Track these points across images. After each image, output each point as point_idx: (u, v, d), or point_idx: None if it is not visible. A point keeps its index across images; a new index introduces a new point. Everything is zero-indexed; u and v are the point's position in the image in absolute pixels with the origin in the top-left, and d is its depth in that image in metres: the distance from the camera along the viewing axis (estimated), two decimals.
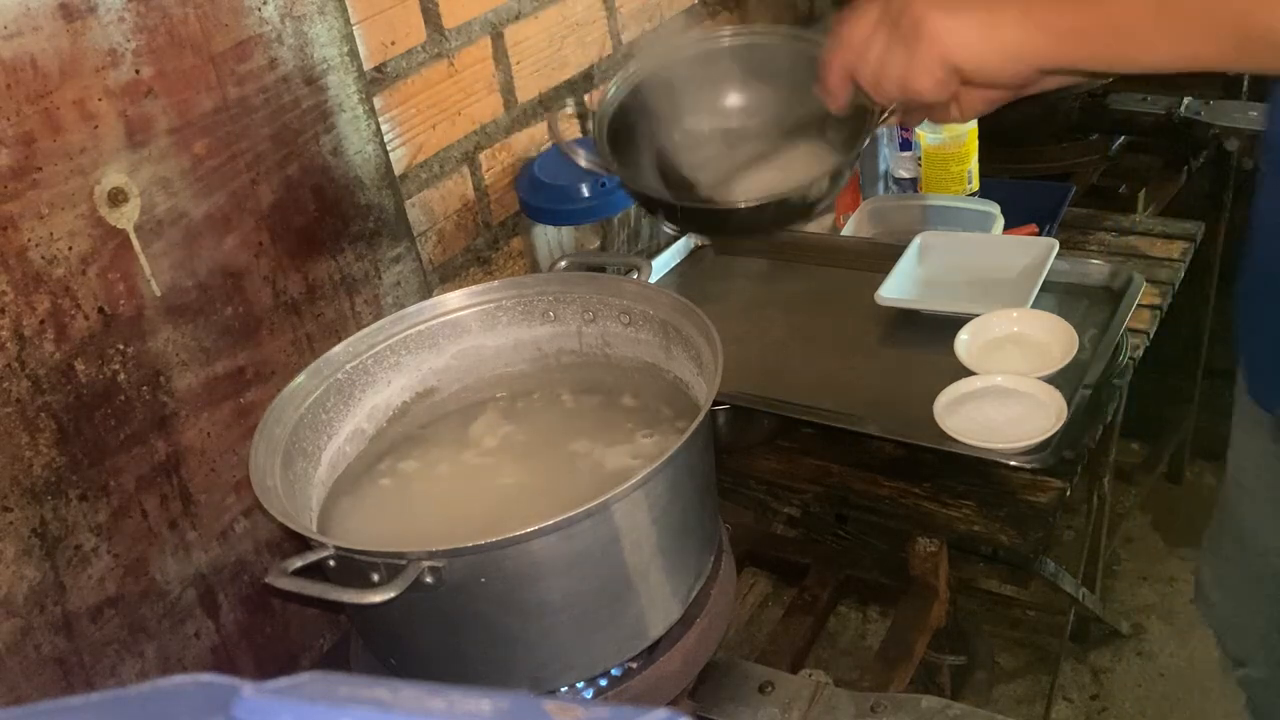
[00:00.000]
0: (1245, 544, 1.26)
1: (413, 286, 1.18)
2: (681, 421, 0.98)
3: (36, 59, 0.83)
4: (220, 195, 0.97)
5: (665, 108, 1.07)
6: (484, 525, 0.86)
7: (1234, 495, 1.26)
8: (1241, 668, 1.36)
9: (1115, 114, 1.81)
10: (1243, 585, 1.29)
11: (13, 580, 0.87)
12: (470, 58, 1.27)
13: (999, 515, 1.07)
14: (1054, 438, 1.04)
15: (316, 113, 1.04)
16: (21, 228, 0.84)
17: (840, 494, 1.14)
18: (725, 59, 1.06)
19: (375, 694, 0.34)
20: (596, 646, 0.87)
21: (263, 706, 0.33)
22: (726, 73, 1.07)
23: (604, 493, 0.78)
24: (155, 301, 0.94)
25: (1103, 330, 1.19)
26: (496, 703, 0.35)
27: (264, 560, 1.06)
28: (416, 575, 0.76)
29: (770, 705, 0.94)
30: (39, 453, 0.87)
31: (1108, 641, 1.97)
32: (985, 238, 1.39)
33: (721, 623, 0.95)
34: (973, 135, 1.48)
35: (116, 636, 0.95)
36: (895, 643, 1.06)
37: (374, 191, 1.12)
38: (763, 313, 1.35)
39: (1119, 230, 1.48)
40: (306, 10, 1.01)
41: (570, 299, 1.04)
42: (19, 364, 0.85)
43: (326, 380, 0.98)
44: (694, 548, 0.91)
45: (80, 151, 0.87)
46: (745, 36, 1.07)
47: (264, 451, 0.89)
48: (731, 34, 1.08)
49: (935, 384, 1.11)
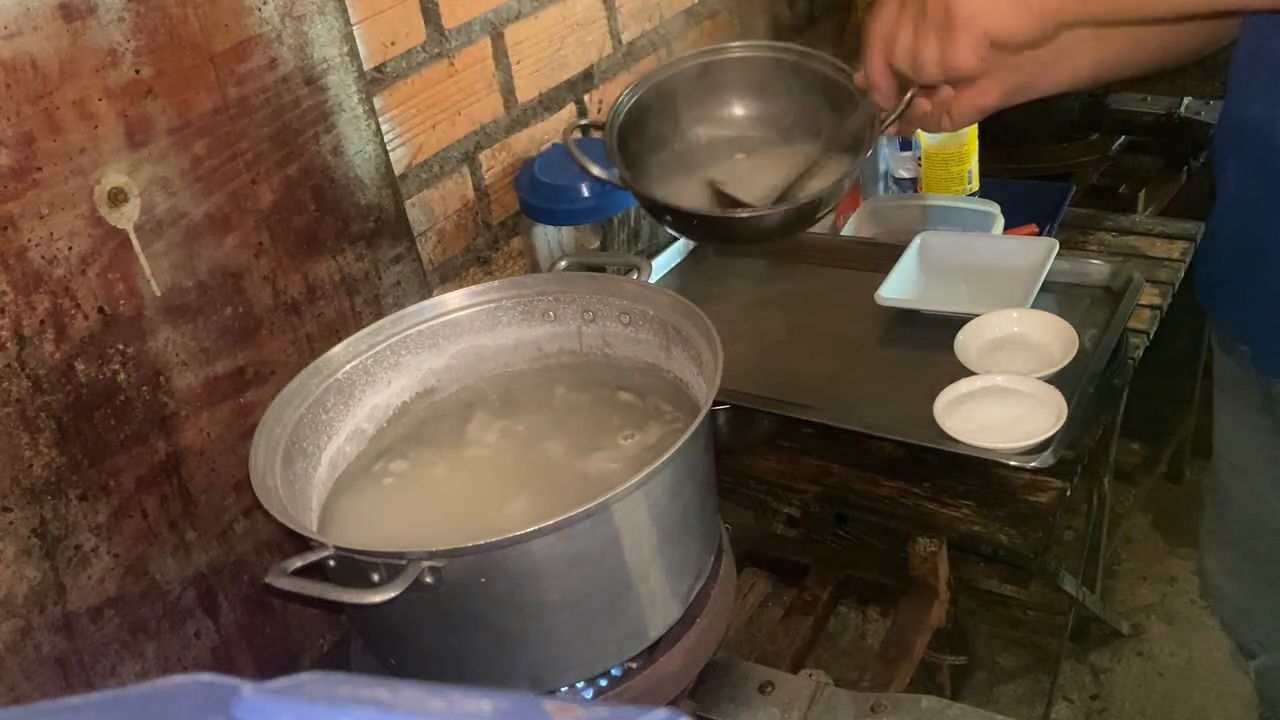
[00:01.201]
0: (1251, 526, 1.25)
1: (413, 286, 1.18)
2: (681, 421, 0.97)
3: (36, 59, 0.83)
4: (220, 195, 0.97)
5: (671, 117, 1.08)
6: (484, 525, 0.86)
7: (1231, 480, 1.25)
8: (1254, 659, 1.35)
9: (1115, 114, 1.81)
10: (1253, 568, 1.29)
11: (13, 580, 0.87)
12: (470, 58, 1.27)
13: (999, 515, 1.07)
14: (1054, 438, 1.04)
15: (316, 113, 1.04)
16: (21, 228, 0.84)
17: (840, 494, 1.14)
18: (728, 71, 1.08)
19: (375, 694, 0.34)
20: (596, 646, 0.87)
21: (263, 706, 0.33)
22: (729, 85, 1.09)
23: (604, 493, 0.78)
24: (155, 301, 0.94)
25: (1103, 330, 1.19)
26: (496, 703, 0.35)
27: (264, 560, 1.06)
28: (416, 575, 0.76)
29: (770, 705, 0.94)
30: (39, 453, 0.87)
31: (1108, 641, 1.97)
32: (985, 238, 1.39)
33: (721, 623, 0.95)
34: (973, 135, 1.48)
35: (116, 636, 0.95)
36: (895, 643, 1.06)
37: (374, 191, 1.11)
38: (763, 313, 1.35)
39: (1119, 230, 1.48)
40: (306, 10, 1.01)
41: (570, 299, 1.04)
42: (19, 364, 0.85)
43: (326, 380, 0.98)
44: (694, 548, 0.91)
45: (80, 151, 0.87)
46: (746, 51, 1.09)
47: (264, 451, 0.89)
48: (736, 49, 1.10)
49: (935, 384, 1.11)
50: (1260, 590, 1.29)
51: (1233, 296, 1.08)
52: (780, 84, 1.06)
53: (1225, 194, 1.04)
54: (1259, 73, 0.94)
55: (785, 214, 0.99)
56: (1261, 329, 1.05)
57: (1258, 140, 0.96)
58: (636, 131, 1.06)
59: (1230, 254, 1.07)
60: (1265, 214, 0.98)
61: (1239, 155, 1.00)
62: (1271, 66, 0.92)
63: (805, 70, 1.05)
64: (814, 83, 1.07)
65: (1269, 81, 0.93)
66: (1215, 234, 1.09)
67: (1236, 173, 1.01)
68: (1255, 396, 1.11)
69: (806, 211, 1.00)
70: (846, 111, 1.03)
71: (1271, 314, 1.02)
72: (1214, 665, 1.86)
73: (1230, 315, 1.11)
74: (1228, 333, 1.14)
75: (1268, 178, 0.97)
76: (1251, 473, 1.22)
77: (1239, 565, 1.31)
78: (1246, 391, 1.13)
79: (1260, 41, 0.93)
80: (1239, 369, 1.11)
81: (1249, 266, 1.03)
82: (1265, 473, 1.19)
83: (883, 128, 0.99)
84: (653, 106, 1.08)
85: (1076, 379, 1.11)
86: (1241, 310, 1.07)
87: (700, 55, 1.09)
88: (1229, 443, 1.23)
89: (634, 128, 1.06)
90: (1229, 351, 1.17)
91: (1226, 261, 1.07)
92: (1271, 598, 1.29)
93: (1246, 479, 1.23)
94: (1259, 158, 0.97)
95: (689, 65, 1.09)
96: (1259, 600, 1.31)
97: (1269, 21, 0.91)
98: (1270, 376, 1.07)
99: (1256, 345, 1.08)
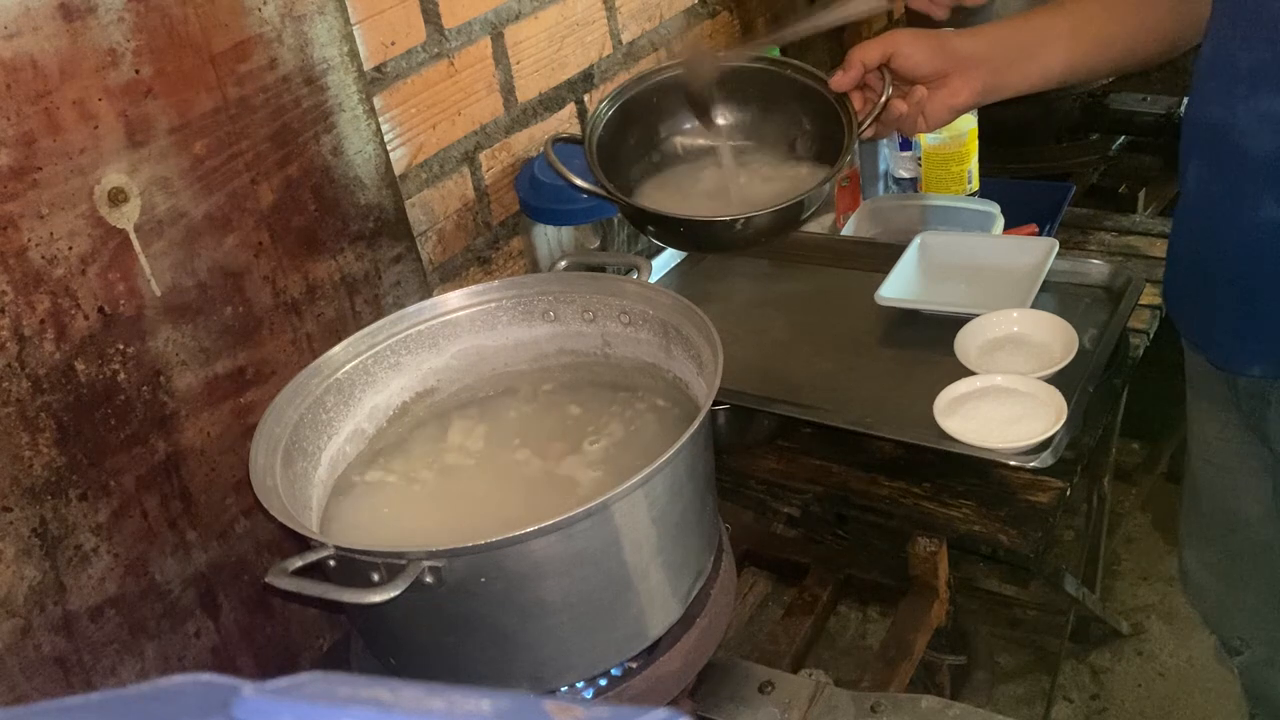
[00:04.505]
0: (1228, 521, 1.26)
1: (413, 286, 1.18)
2: (681, 422, 0.97)
3: (36, 59, 0.83)
4: (220, 195, 0.97)
5: (649, 127, 1.09)
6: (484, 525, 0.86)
7: (1206, 476, 1.26)
8: (1238, 654, 1.36)
9: (1115, 114, 1.81)
10: (1231, 563, 1.29)
11: (13, 580, 0.87)
12: (470, 58, 1.27)
13: (999, 515, 1.08)
14: (1054, 438, 1.04)
15: (316, 113, 1.04)
16: (21, 228, 0.84)
17: (840, 494, 1.14)
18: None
19: (375, 694, 0.34)
20: (596, 646, 0.87)
21: (263, 706, 0.33)
22: (708, 96, 1.10)
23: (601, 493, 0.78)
24: (155, 301, 0.94)
25: (1103, 330, 1.19)
26: (496, 703, 0.35)
27: (264, 560, 1.06)
28: (416, 575, 0.76)
29: (770, 705, 0.94)
30: (39, 453, 0.87)
31: (1108, 641, 1.97)
32: (985, 238, 1.39)
33: (721, 623, 0.95)
34: (973, 135, 1.48)
35: (116, 636, 0.95)
36: (895, 643, 1.06)
37: (374, 191, 1.12)
38: (763, 313, 1.35)
39: (1119, 230, 1.48)
40: (306, 10, 1.01)
41: (570, 299, 1.04)
42: (19, 364, 0.85)
43: (326, 380, 0.98)
44: (694, 548, 0.91)
45: (80, 151, 0.87)
46: (724, 61, 1.11)
47: (264, 451, 0.89)
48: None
49: (935, 384, 1.11)
50: (1239, 586, 1.30)
51: (1194, 296, 1.09)
52: (757, 92, 1.07)
53: (1186, 195, 1.05)
54: (1216, 75, 0.96)
55: (769, 217, 1.00)
56: (1222, 327, 1.06)
57: (1215, 142, 0.97)
58: (615, 142, 1.07)
59: (1191, 254, 1.08)
60: (1224, 213, 0.99)
61: (1199, 157, 1.01)
62: (1228, 70, 0.94)
63: (781, 79, 1.07)
64: (791, 90, 1.09)
65: (1226, 84, 0.94)
66: (1177, 235, 1.10)
67: (1196, 174, 1.02)
68: (1224, 393, 1.11)
69: (790, 215, 1.01)
70: (824, 117, 1.05)
71: (1231, 311, 1.03)
72: (1214, 665, 1.86)
73: (1192, 315, 1.11)
74: (1190, 334, 1.14)
75: (1225, 178, 0.98)
76: (1225, 468, 1.22)
77: (1217, 561, 1.32)
78: (1216, 388, 1.13)
79: (1219, 45, 0.95)
80: (1208, 366, 1.12)
81: (1209, 265, 1.04)
82: (1238, 468, 1.20)
83: (860, 130, 1.01)
84: (630, 117, 1.09)
85: (1076, 379, 1.11)
86: (1202, 309, 1.08)
87: (676, 66, 1.10)
88: (1202, 439, 1.24)
89: (612, 139, 1.07)
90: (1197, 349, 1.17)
91: (1188, 261, 1.08)
92: (1250, 593, 1.29)
93: (1220, 475, 1.24)
94: (1217, 159, 0.99)
95: (665, 76, 1.10)
96: (1238, 596, 1.31)
97: (1228, 26, 0.93)
98: (1234, 373, 1.08)
99: (1219, 343, 1.09)
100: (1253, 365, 1.04)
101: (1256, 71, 0.91)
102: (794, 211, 1.01)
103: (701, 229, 1.03)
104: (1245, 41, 0.92)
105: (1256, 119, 0.92)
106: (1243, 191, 0.96)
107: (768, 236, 1.03)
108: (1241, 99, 0.93)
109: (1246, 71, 0.92)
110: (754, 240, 1.03)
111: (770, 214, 1.00)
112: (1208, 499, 1.28)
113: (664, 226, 1.05)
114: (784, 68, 1.08)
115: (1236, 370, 1.07)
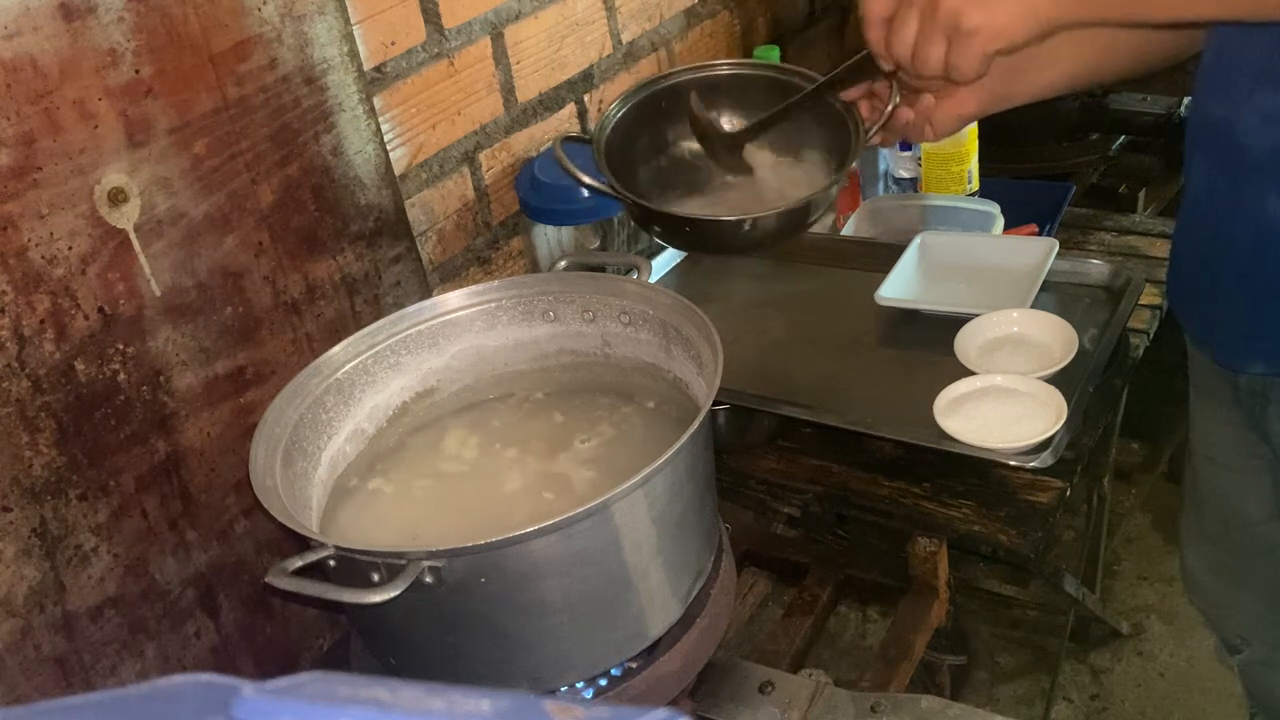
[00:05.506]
0: (1229, 520, 1.26)
1: (413, 286, 1.18)
2: (681, 422, 0.97)
3: (36, 59, 0.83)
4: (220, 195, 0.97)
5: (658, 131, 1.10)
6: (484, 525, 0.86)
7: (1208, 474, 1.26)
8: (1238, 654, 1.36)
9: (1115, 114, 1.81)
10: (1232, 563, 1.29)
11: (13, 580, 0.87)
12: (470, 58, 1.27)
13: (999, 515, 1.07)
14: (1054, 438, 1.04)
15: (316, 113, 1.04)
16: (21, 228, 0.84)
17: (840, 494, 1.14)
18: (715, 88, 1.10)
19: (375, 694, 0.34)
20: (596, 646, 0.87)
21: (263, 706, 0.33)
22: (716, 101, 1.10)
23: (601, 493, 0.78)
24: (155, 301, 0.94)
25: (1103, 330, 1.19)
26: (496, 703, 0.35)
27: (264, 560, 1.06)
28: (416, 575, 0.76)
29: (770, 705, 0.94)
30: (39, 453, 0.87)
31: (1108, 641, 1.97)
32: (985, 238, 1.39)
33: (721, 623, 0.95)
34: (973, 135, 1.48)
35: (116, 636, 0.95)
36: (895, 643, 1.06)
37: (374, 191, 1.11)
38: (763, 313, 1.35)
39: (1119, 230, 1.48)
40: (306, 10, 1.01)
41: (570, 299, 1.04)
42: (19, 364, 0.85)
43: (326, 380, 0.98)
44: (694, 548, 0.91)
45: (80, 151, 0.87)
46: (733, 69, 1.12)
47: (264, 451, 0.89)
48: (723, 65, 1.12)
49: (935, 384, 1.11)
50: (1239, 585, 1.30)
51: (1197, 293, 1.09)
52: (765, 100, 1.08)
53: (1191, 193, 1.06)
54: (1221, 73, 0.96)
55: (775, 219, 1.00)
56: (1225, 324, 1.06)
57: (1219, 139, 0.97)
58: (624, 144, 1.08)
59: (1195, 251, 1.08)
60: (1227, 211, 0.99)
61: (1203, 154, 1.02)
62: (1231, 68, 0.94)
63: (790, 87, 1.07)
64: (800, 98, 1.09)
65: (1229, 82, 0.95)
66: (1181, 232, 1.10)
67: (1201, 172, 1.02)
68: (1226, 391, 1.12)
69: (797, 217, 1.02)
70: (831, 123, 1.05)
71: (1234, 308, 1.03)
72: (1214, 665, 1.86)
73: (1194, 312, 1.12)
74: (1194, 331, 1.14)
75: (1229, 176, 0.98)
76: (1226, 467, 1.22)
77: (1218, 560, 1.32)
78: (1218, 386, 1.14)
79: (1223, 43, 0.96)
80: (1211, 364, 1.12)
81: (1212, 262, 1.04)
82: (1239, 467, 1.20)
83: (867, 136, 1.01)
84: (639, 121, 1.09)
85: (1076, 379, 1.11)
86: (1205, 306, 1.08)
87: (686, 72, 1.11)
88: (1204, 437, 1.24)
89: (621, 141, 1.08)
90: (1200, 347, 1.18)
91: (1191, 258, 1.09)
92: (1251, 592, 1.29)
93: (1222, 473, 1.24)
94: (1221, 157, 0.99)
95: (676, 81, 1.11)
96: (1239, 595, 1.31)
97: (1231, 23, 0.93)
98: (1237, 370, 1.08)
99: (1221, 341, 1.09)
100: (1255, 363, 1.04)
101: (1259, 69, 0.92)
102: (800, 213, 1.01)
103: (708, 229, 1.03)
104: (1248, 39, 0.92)
105: (1259, 117, 0.92)
106: (1246, 189, 0.96)
107: (774, 238, 1.03)
108: (1244, 96, 0.93)
109: (1249, 69, 0.92)
110: (760, 242, 1.03)
111: (776, 215, 1.00)
112: (1209, 498, 1.28)
113: (670, 227, 1.05)
114: (790, 75, 1.09)
115: (1239, 367, 1.07)
